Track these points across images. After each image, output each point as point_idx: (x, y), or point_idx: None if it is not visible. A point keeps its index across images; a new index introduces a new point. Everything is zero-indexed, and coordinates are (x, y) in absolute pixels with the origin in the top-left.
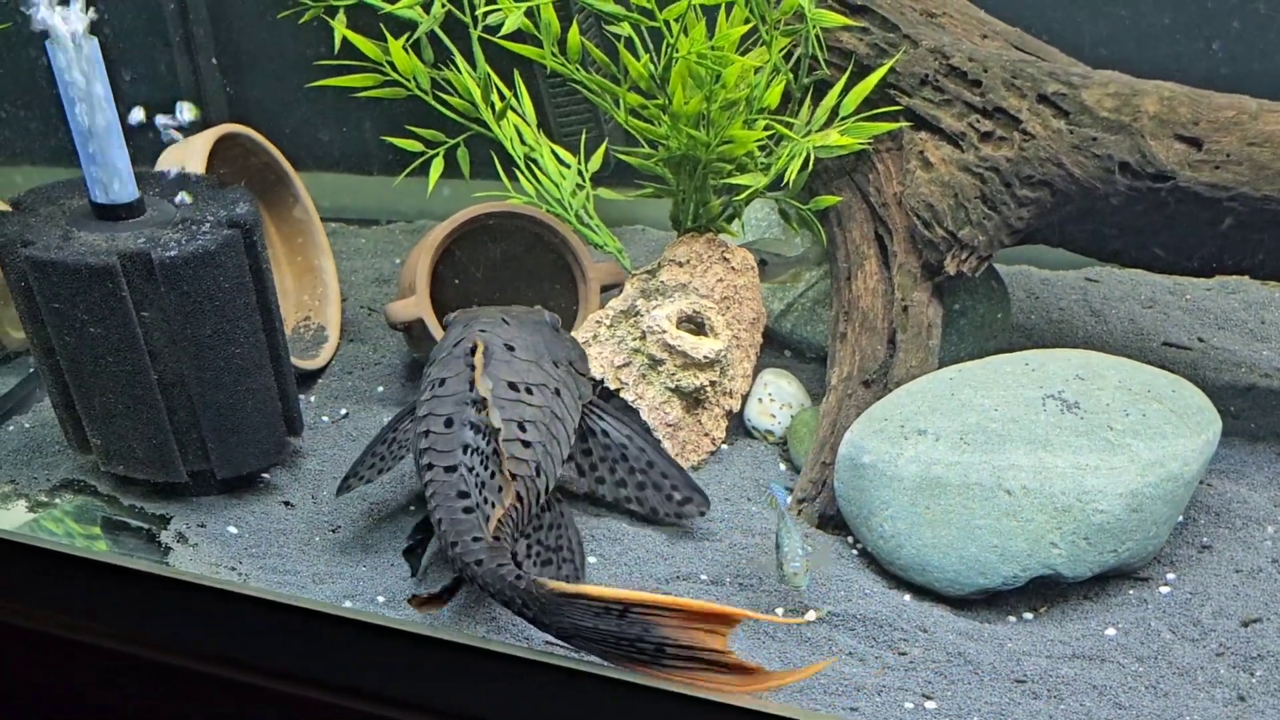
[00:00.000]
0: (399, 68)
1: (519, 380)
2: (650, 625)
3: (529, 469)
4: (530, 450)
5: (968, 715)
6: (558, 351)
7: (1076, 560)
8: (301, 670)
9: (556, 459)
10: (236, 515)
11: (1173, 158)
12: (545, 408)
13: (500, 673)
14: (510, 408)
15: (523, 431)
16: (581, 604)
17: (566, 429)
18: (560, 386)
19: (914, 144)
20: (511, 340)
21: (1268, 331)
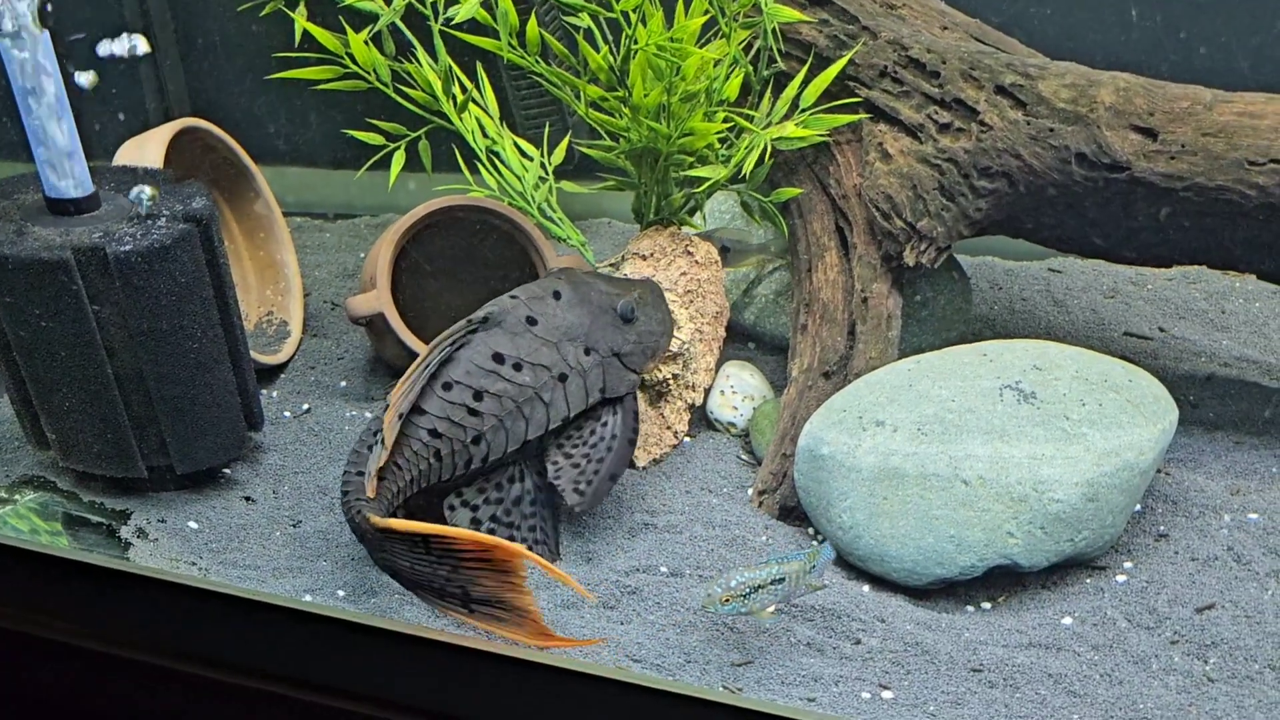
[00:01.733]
0: (358, 60)
1: (510, 354)
2: (456, 565)
3: (462, 435)
4: (475, 419)
5: (924, 705)
6: (602, 338)
7: (1033, 550)
8: (261, 664)
9: (516, 436)
10: (197, 510)
11: (1128, 148)
12: (527, 387)
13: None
14: (479, 377)
15: (476, 401)
16: (397, 539)
17: (549, 414)
18: (570, 373)
19: (873, 136)
20: (540, 315)
21: (1228, 321)
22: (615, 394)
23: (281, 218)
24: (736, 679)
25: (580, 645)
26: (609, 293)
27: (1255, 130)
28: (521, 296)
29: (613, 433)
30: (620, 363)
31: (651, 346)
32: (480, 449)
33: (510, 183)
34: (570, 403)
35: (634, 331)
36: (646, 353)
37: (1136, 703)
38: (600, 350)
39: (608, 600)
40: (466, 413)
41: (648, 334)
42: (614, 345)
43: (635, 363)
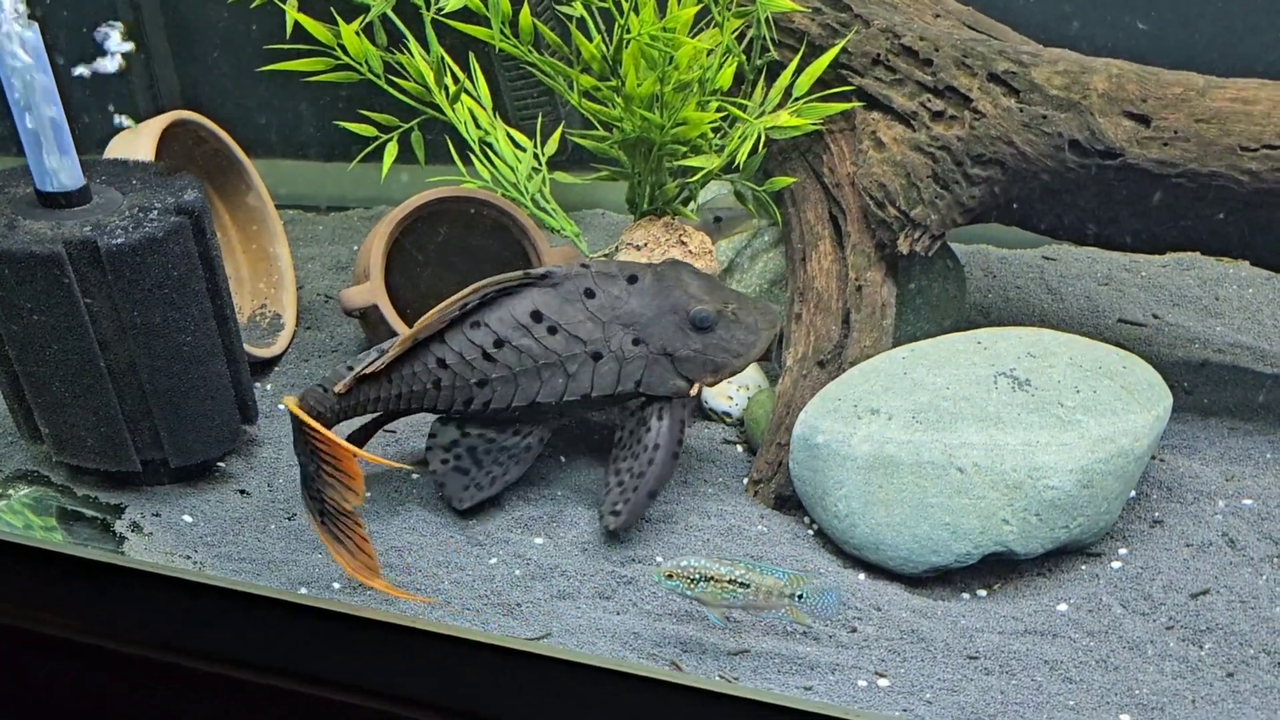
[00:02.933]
0: (350, 51)
1: (549, 316)
2: (318, 467)
3: (469, 374)
4: (488, 364)
5: (920, 692)
6: (658, 334)
7: (1028, 537)
8: (256, 657)
9: (525, 394)
10: (191, 504)
11: (1121, 135)
12: (552, 352)
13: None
14: (509, 327)
15: (496, 348)
16: (293, 423)
17: (568, 385)
18: (606, 355)
19: (866, 124)
20: (601, 291)
21: (1221, 308)
22: (653, 391)
23: (274, 210)
24: (733, 668)
25: (401, 596)
26: (693, 297)
27: (1248, 116)
28: (592, 269)
29: (655, 442)
30: (671, 364)
31: (717, 361)
32: (484, 393)
33: (503, 174)
34: (596, 382)
35: (702, 340)
36: (708, 366)
37: (1132, 688)
38: (651, 345)
39: (603, 590)
40: (481, 355)
41: (718, 348)
42: (669, 345)
43: (689, 370)
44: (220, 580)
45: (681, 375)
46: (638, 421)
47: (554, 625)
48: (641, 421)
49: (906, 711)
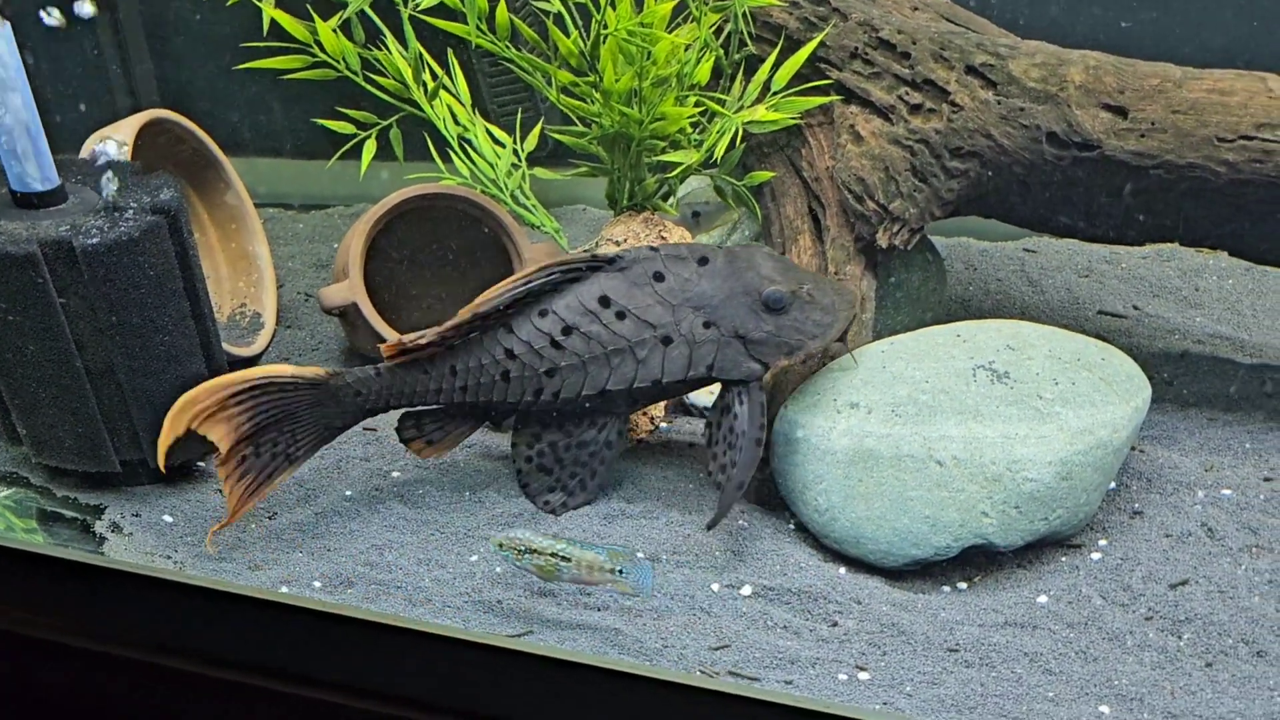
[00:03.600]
0: (327, 48)
1: (618, 301)
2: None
3: (538, 364)
4: (556, 352)
5: (900, 685)
6: (730, 316)
7: (1008, 529)
8: (237, 656)
9: (595, 382)
10: (171, 504)
11: (1099, 127)
12: (621, 338)
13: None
14: (577, 314)
15: (564, 335)
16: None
17: (639, 371)
18: (677, 339)
19: (844, 118)
20: (671, 274)
21: (1201, 298)
22: (726, 375)
23: (253, 209)
24: (714, 663)
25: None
26: (765, 278)
27: (1225, 107)
28: (661, 251)
29: (741, 428)
30: (744, 346)
31: (791, 343)
32: (553, 383)
33: (483, 170)
34: (667, 367)
35: (775, 322)
36: (783, 348)
37: (1111, 679)
38: (723, 328)
39: (585, 587)
40: (549, 343)
41: (792, 329)
42: (742, 328)
43: (762, 352)
44: (201, 580)
45: (755, 358)
46: (722, 411)
47: (535, 622)
48: (725, 410)
49: (887, 705)
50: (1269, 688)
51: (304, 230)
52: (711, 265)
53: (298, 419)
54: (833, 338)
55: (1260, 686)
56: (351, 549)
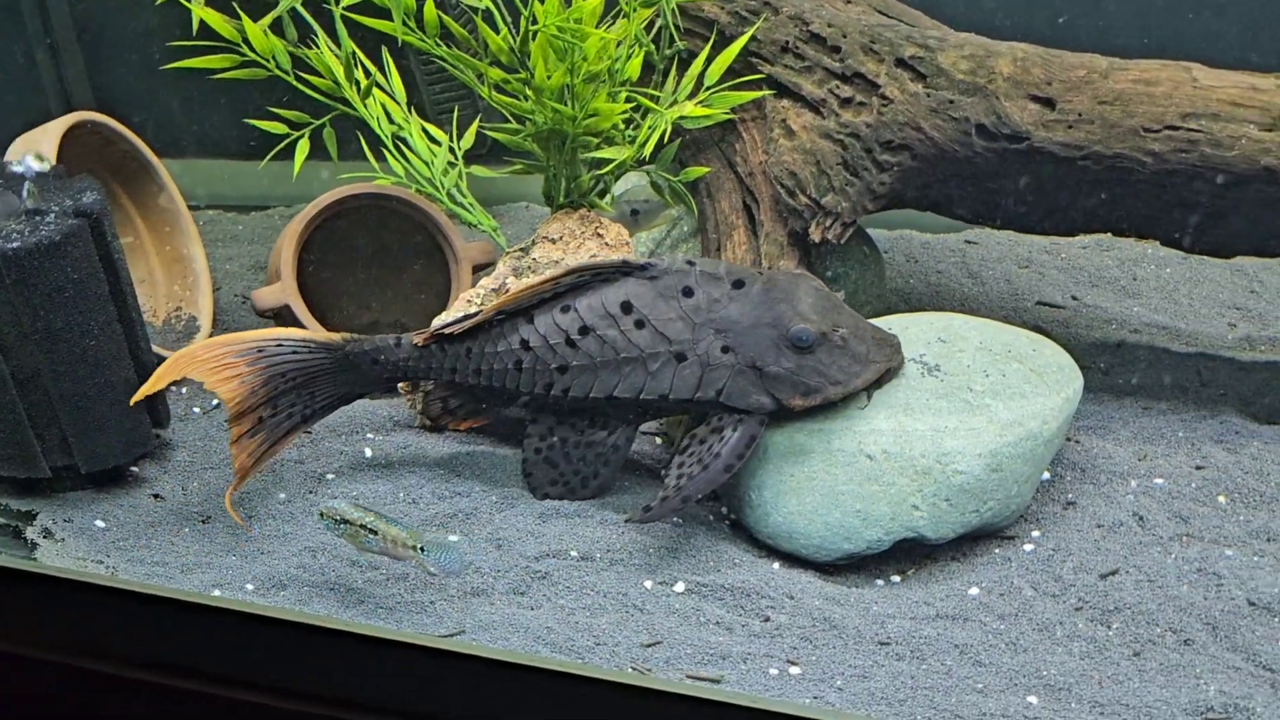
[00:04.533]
0: (256, 47)
1: (640, 309)
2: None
3: (551, 359)
4: (570, 350)
5: (831, 679)
6: (750, 346)
7: (939, 522)
8: (169, 659)
9: (603, 386)
10: (104, 509)
11: (1027, 118)
12: (636, 346)
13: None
14: (597, 315)
15: (581, 335)
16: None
17: (648, 383)
18: (691, 358)
19: (777, 112)
20: (700, 291)
21: (1139, 288)
22: (734, 403)
23: (187, 211)
24: (646, 660)
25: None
26: (799, 314)
27: (1150, 97)
28: (697, 267)
29: (720, 451)
30: (759, 378)
31: (809, 385)
32: (564, 380)
33: (418, 169)
34: (675, 385)
35: (797, 361)
36: (799, 388)
37: (1040, 670)
38: (741, 355)
39: (518, 586)
40: (565, 341)
41: (813, 371)
42: (760, 360)
43: (776, 388)
44: (133, 584)
45: (768, 392)
46: (711, 430)
47: (467, 621)
48: (717, 430)
49: (817, 699)
50: (1195, 676)
51: (243, 232)
52: (746, 289)
53: (316, 382)
54: (858, 387)
55: (1187, 675)
56: (285, 551)
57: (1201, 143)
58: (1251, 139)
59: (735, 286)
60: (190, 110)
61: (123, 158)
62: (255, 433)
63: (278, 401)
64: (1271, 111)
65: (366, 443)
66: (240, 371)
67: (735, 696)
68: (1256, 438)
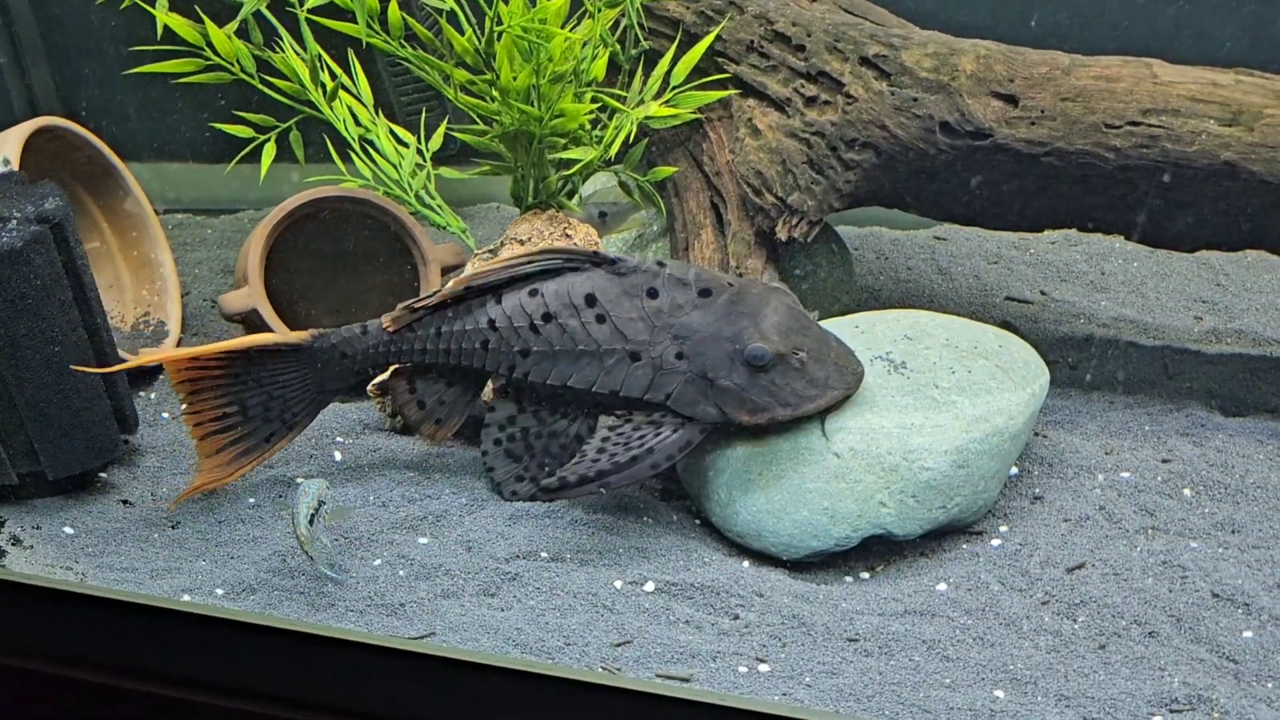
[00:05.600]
0: (219, 51)
1: (603, 304)
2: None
3: (514, 341)
4: (532, 335)
5: (800, 676)
6: (705, 356)
7: (906, 518)
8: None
9: (558, 375)
10: (73, 515)
11: (990, 115)
12: (594, 340)
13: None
14: (561, 303)
15: (544, 321)
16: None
17: (600, 379)
18: (645, 359)
19: (742, 111)
20: (663, 294)
21: (1107, 282)
22: (681, 409)
23: (154, 215)
24: (615, 659)
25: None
26: (759, 332)
27: (1111, 94)
28: (666, 270)
29: (652, 446)
30: (708, 388)
31: (758, 404)
32: (525, 364)
33: (385, 171)
34: (626, 384)
35: (748, 378)
36: (746, 405)
37: (1007, 664)
38: (694, 364)
39: (488, 588)
40: (528, 325)
41: (764, 391)
42: (712, 371)
43: (724, 401)
44: (103, 590)
45: (715, 404)
46: (651, 421)
47: (438, 624)
48: (656, 423)
49: (786, 696)
50: (1159, 668)
51: (212, 236)
52: (712, 299)
53: (286, 385)
54: (809, 411)
55: (1151, 667)
56: (254, 556)
57: (1162, 138)
58: (1211, 134)
59: (701, 295)
60: (158, 114)
61: (87, 163)
62: (227, 440)
63: (249, 405)
64: (1231, 107)
65: (336, 446)
66: (208, 381)
67: (705, 695)
68: (1222, 430)
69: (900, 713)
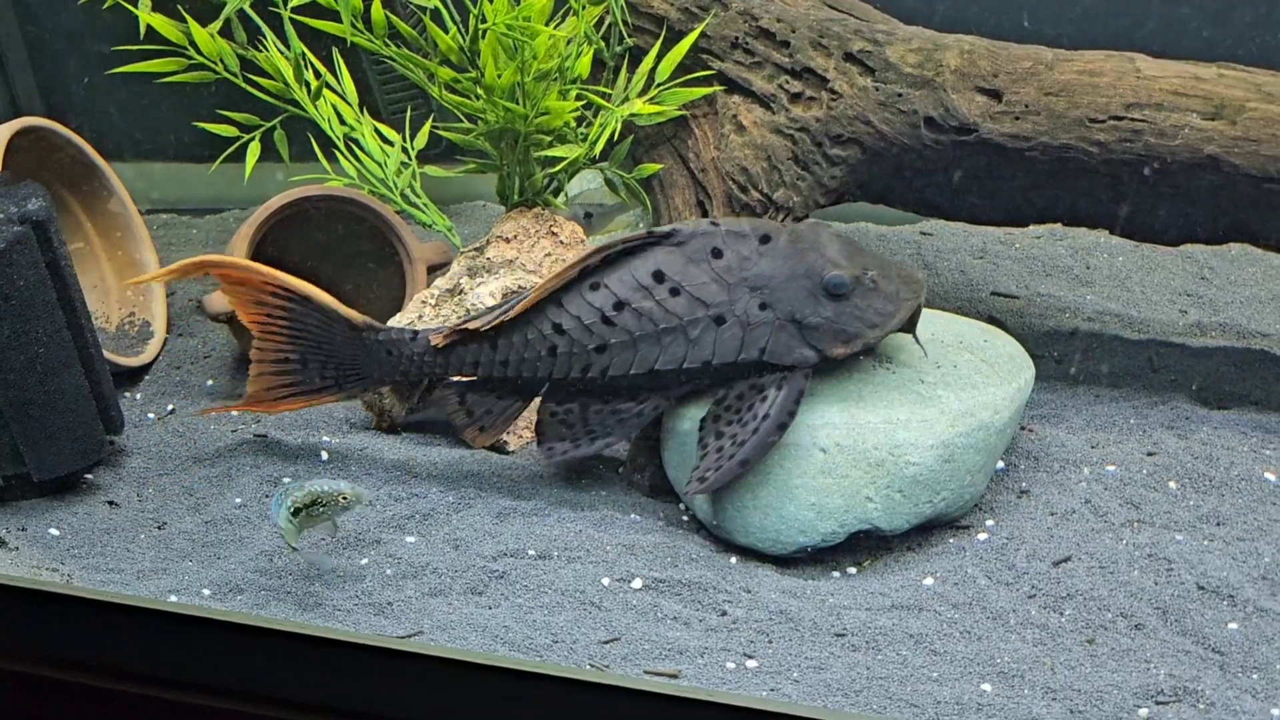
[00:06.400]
0: (203, 50)
1: (672, 277)
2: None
3: (587, 340)
4: (607, 328)
5: (788, 671)
6: (787, 299)
7: (893, 513)
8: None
9: (644, 360)
10: (58, 517)
11: (974, 110)
12: (674, 315)
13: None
14: (630, 288)
15: (615, 310)
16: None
17: (689, 352)
18: (730, 320)
19: (727, 108)
20: (729, 251)
21: (1092, 276)
22: (777, 360)
23: (138, 215)
24: (604, 656)
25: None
26: (829, 261)
27: (1095, 88)
28: (722, 226)
29: (766, 412)
30: (799, 331)
31: (849, 331)
32: (602, 359)
33: (371, 170)
34: (718, 350)
35: (834, 309)
36: (839, 336)
37: (994, 657)
38: (779, 311)
39: (475, 586)
40: (600, 319)
41: (851, 317)
42: (798, 312)
43: (817, 339)
44: (88, 591)
45: (809, 344)
46: (751, 386)
47: (425, 622)
48: (757, 388)
49: (774, 691)
50: (1145, 660)
51: (198, 235)
52: (773, 244)
53: (336, 352)
54: (893, 328)
55: (1137, 659)
56: (241, 556)
57: (1146, 132)
58: (1194, 128)
59: (762, 241)
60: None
61: (70, 163)
62: (279, 370)
63: (308, 355)
64: (1213, 100)
65: (322, 445)
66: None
67: (693, 691)
68: (1206, 423)
69: (887, 707)
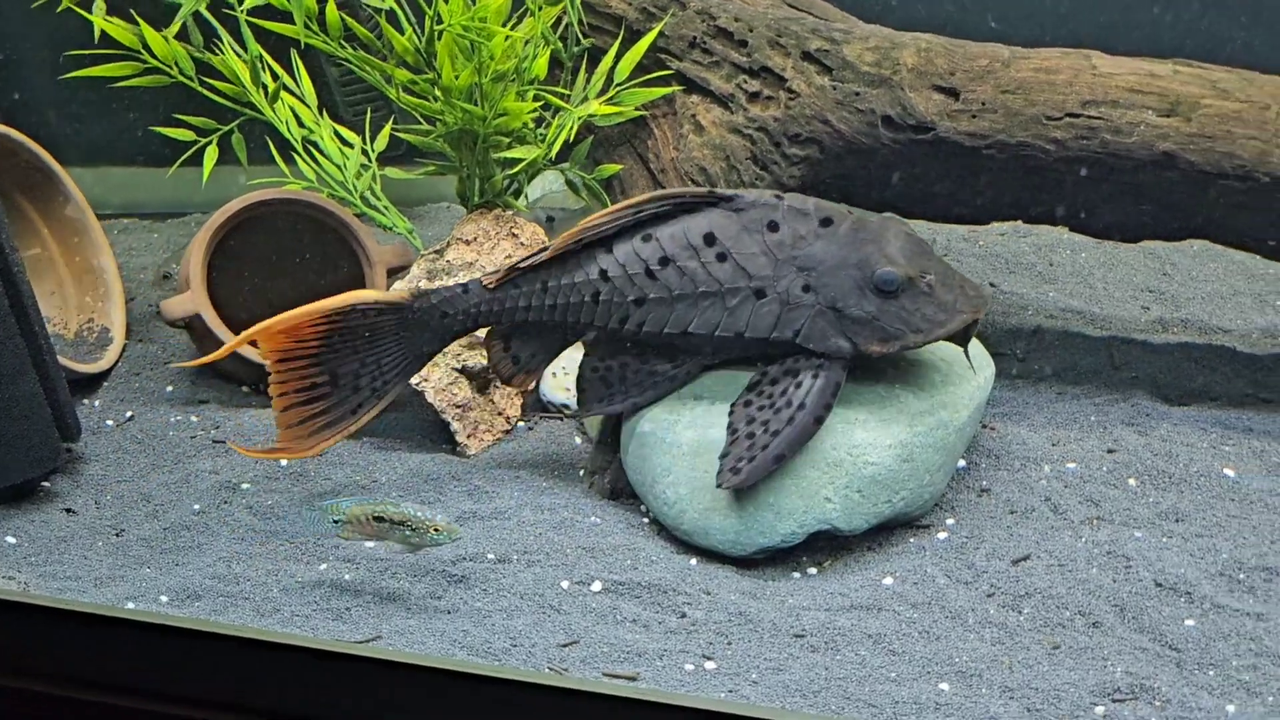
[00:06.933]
0: (157, 53)
1: (723, 242)
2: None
3: (629, 290)
4: (649, 281)
5: (746, 673)
6: (833, 286)
7: (851, 513)
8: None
9: (678, 321)
10: (15, 525)
11: (932, 109)
12: (715, 280)
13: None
14: (679, 246)
15: (661, 265)
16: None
17: (724, 320)
18: (771, 296)
19: (686, 108)
20: (786, 227)
21: (1055, 273)
22: (811, 345)
23: (95, 221)
24: (562, 659)
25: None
26: (886, 256)
27: (1051, 86)
28: (785, 203)
29: (801, 402)
30: (838, 320)
31: (889, 331)
32: (639, 313)
33: (330, 172)
34: (752, 323)
35: (879, 305)
36: (878, 333)
37: (952, 657)
38: (821, 296)
39: (434, 590)
40: (644, 271)
41: (896, 317)
42: (840, 301)
43: (856, 332)
44: (45, 599)
45: (846, 335)
46: (785, 370)
47: (383, 627)
48: (791, 373)
49: (733, 692)
50: (1102, 658)
51: (158, 240)
52: (834, 228)
53: (381, 349)
54: (939, 336)
55: (1095, 657)
56: (199, 562)
57: (1102, 129)
58: (1150, 125)
59: (823, 224)
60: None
61: (25, 168)
62: (312, 412)
63: (340, 372)
64: (1168, 97)
65: None
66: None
67: (652, 694)
68: (1166, 419)
69: (846, 707)
